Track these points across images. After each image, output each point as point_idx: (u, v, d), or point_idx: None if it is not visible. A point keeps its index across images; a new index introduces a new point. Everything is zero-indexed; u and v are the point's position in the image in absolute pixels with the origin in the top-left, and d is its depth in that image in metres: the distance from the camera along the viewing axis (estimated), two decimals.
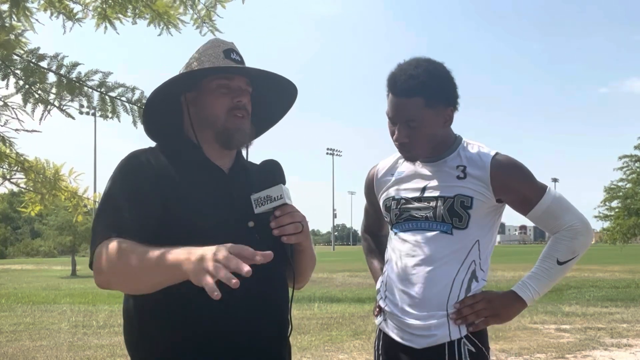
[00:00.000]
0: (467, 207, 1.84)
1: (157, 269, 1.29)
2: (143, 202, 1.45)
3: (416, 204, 1.90)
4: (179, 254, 1.25)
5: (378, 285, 2.06)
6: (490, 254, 1.95)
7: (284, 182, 1.51)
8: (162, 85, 1.58)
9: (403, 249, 1.91)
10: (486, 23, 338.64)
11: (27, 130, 3.32)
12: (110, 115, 3.39)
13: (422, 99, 1.79)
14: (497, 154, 1.90)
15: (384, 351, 1.99)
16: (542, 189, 1.89)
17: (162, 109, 1.64)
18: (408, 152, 1.90)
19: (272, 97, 1.72)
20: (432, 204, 1.87)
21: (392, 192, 2.00)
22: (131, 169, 1.52)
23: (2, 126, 3.32)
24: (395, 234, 1.97)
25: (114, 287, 1.42)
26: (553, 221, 1.89)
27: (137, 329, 1.52)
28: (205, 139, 1.60)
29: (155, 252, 1.30)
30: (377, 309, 2.03)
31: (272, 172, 1.52)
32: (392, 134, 1.89)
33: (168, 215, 1.47)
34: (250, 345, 1.48)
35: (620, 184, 20.18)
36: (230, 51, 1.62)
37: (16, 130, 3.31)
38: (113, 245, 1.36)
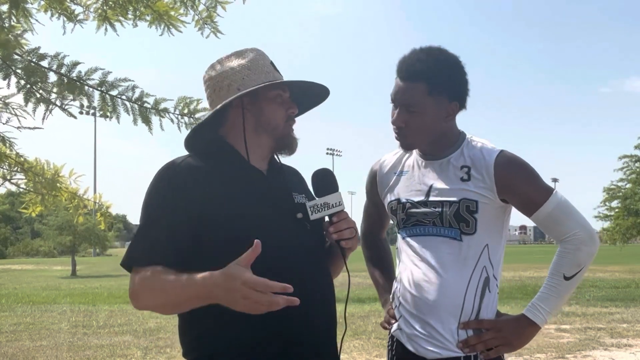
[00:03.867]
0: (472, 212, 1.79)
1: (188, 302, 1.44)
2: (180, 219, 1.49)
3: (422, 209, 1.84)
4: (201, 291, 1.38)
5: (392, 291, 1.98)
6: (501, 259, 1.88)
7: (338, 190, 1.58)
8: (238, 95, 1.59)
9: (412, 254, 1.86)
10: (486, 23, 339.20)
11: (29, 128, 3.33)
12: (110, 114, 3.39)
13: (425, 85, 1.75)
14: (501, 152, 1.83)
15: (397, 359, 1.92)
16: (547, 191, 1.81)
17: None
18: (404, 138, 1.83)
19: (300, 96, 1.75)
20: (438, 209, 1.81)
21: (396, 193, 1.93)
22: (167, 182, 1.55)
23: (3, 124, 3.33)
24: (403, 238, 1.91)
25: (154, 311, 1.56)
26: (555, 227, 1.82)
27: (190, 328, 1.58)
28: (256, 142, 1.63)
29: (183, 287, 1.42)
30: (391, 318, 1.94)
31: (328, 180, 1.59)
32: (392, 117, 1.84)
33: (211, 222, 1.50)
34: (301, 337, 1.53)
35: (620, 184, 20.18)
36: (272, 63, 1.68)
37: (18, 127, 3.32)
38: (148, 280, 1.46)
